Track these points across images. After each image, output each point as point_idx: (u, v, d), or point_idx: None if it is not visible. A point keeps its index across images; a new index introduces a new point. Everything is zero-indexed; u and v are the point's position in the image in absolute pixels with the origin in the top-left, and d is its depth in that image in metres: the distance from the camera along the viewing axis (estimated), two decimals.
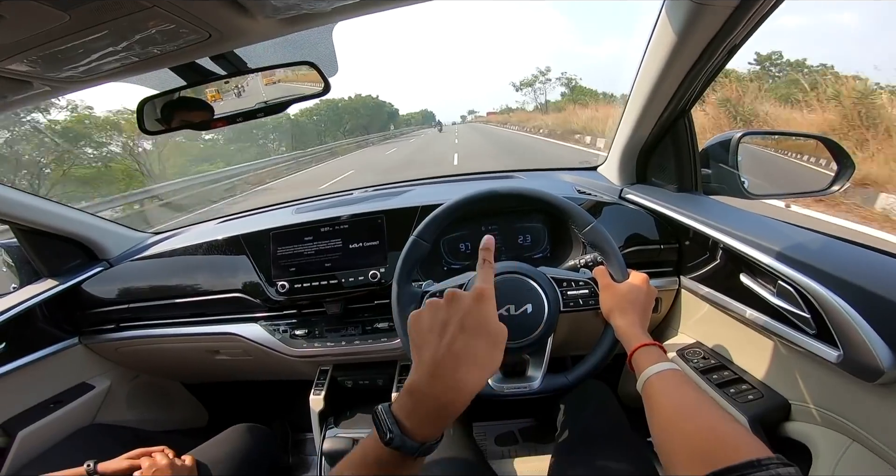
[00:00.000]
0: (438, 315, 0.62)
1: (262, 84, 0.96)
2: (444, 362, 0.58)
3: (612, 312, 0.94)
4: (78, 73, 0.74)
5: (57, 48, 0.62)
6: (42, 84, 0.76)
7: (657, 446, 0.67)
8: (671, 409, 0.68)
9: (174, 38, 0.65)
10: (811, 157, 1.34)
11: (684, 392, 0.70)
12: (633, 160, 1.46)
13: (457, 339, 0.59)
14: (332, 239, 1.40)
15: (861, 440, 0.81)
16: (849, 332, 0.76)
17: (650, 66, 1.11)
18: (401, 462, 0.56)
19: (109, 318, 1.58)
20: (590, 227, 1.03)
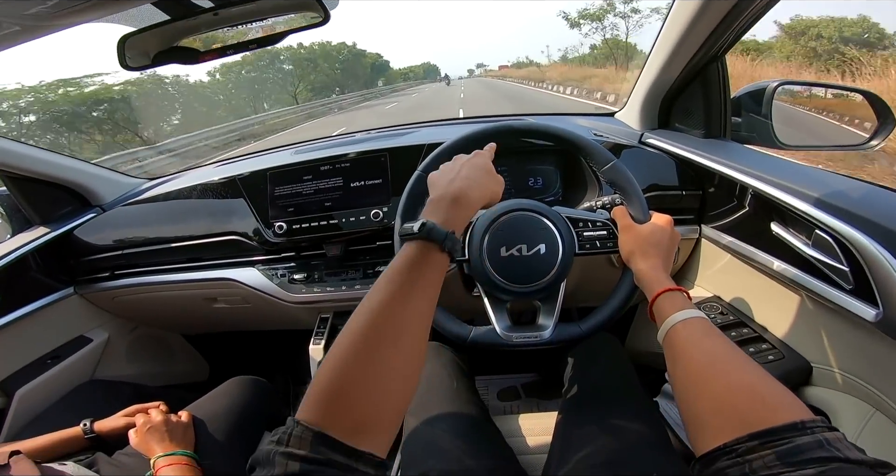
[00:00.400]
0: (448, 165, 0.82)
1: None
2: (455, 180, 0.76)
3: (633, 255, 0.87)
4: (47, 9, 0.65)
5: None
6: (11, 23, 0.68)
7: (681, 403, 0.61)
8: (700, 362, 0.62)
9: None
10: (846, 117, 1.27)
11: (715, 343, 0.64)
12: (655, 104, 1.38)
13: (463, 169, 0.79)
14: (333, 178, 1.34)
15: (885, 410, 0.77)
16: (892, 289, 0.70)
17: (684, 5, 1.02)
18: (428, 256, 0.64)
19: (104, 265, 1.54)
20: (610, 164, 0.95)
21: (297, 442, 0.46)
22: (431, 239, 0.64)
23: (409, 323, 0.57)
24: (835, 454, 0.42)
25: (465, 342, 0.95)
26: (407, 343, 0.56)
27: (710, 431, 0.53)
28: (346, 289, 1.33)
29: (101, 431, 1.14)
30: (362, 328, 0.55)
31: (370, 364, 0.52)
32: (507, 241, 0.93)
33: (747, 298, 1.12)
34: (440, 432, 0.96)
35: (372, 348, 0.53)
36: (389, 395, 0.53)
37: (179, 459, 1.03)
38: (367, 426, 0.50)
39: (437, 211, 0.70)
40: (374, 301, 0.57)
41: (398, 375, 0.54)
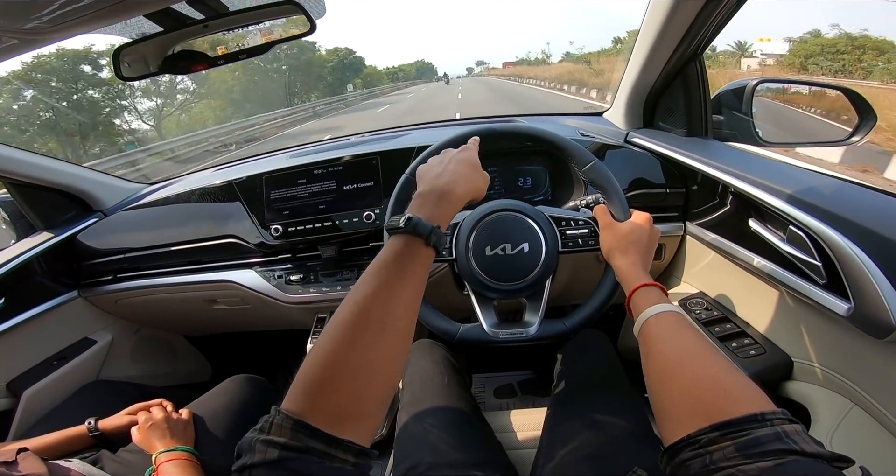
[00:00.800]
0: (435, 159, 0.85)
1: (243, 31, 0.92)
2: (442, 174, 0.78)
3: (613, 252, 0.89)
4: (44, 23, 0.68)
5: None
6: (9, 37, 0.71)
7: (652, 395, 0.63)
8: (669, 355, 0.63)
9: None
10: (828, 112, 1.28)
11: (684, 336, 0.65)
12: (640, 104, 1.41)
13: (450, 164, 0.81)
14: (326, 181, 1.38)
15: (863, 404, 0.78)
16: (862, 283, 0.72)
17: (658, 7, 1.05)
18: (414, 250, 0.65)
19: (107, 269, 1.58)
20: (590, 164, 0.98)
21: (277, 430, 0.48)
22: (417, 233, 0.65)
23: (393, 314, 0.58)
24: (791, 447, 0.44)
25: (454, 339, 0.98)
26: (391, 334, 0.57)
27: (676, 423, 0.54)
28: (342, 289, 1.36)
29: (105, 429, 1.17)
30: (347, 319, 0.56)
31: (354, 354, 0.53)
32: (492, 240, 0.97)
33: (731, 294, 1.14)
34: (430, 427, 0.99)
35: (356, 339, 0.54)
36: (372, 385, 0.54)
37: (180, 455, 1.06)
38: (348, 414, 0.51)
39: (423, 205, 0.72)
40: (359, 293, 0.58)
41: (382, 365, 0.56)
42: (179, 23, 0.83)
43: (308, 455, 0.47)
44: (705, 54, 1.21)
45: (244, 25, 0.91)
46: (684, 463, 0.49)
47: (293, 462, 0.46)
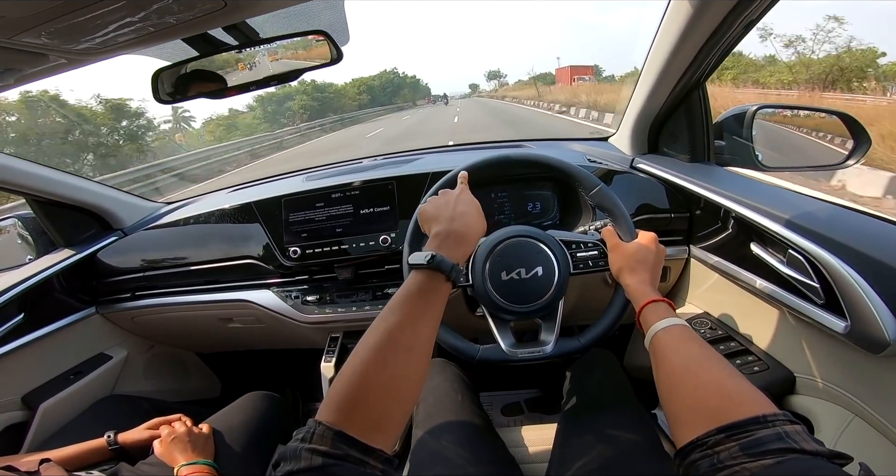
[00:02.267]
0: (440, 200, 0.89)
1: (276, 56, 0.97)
2: (454, 215, 0.83)
3: (622, 271, 0.94)
4: (94, 45, 0.74)
5: (74, 20, 0.62)
6: (58, 56, 0.76)
7: (663, 403, 0.67)
8: (677, 365, 0.68)
9: (190, 7, 0.65)
10: (826, 135, 1.33)
11: (690, 347, 0.70)
12: (645, 130, 1.46)
13: (458, 205, 0.86)
14: (344, 205, 1.41)
15: (863, 415, 0.82)
16: (857, 303, 0.76)
17: (666, 37, 1.10)
18: (436, 285, 0.72)
19: (125, 287, 1.61)
20: (597, 188, 1.02)
21: (318, 439, 0.52)
22: (440, 270, 0.72)
23: (417, 341, 0.65)
24: (791, 445, 0.48)
25: (475, 360, 1.01)
26: (415, 358, 0.64)
27: (686, 426, 0.58)
28: (357, 310, 1.39)
29: (124, 443, 1.19)
30: (377, 344, 0.62)
31: (383, 374, 0.60)
32: (507, 265, 1.01)
33: (734, 314, 1.17)
34: (446, 442, 1.02)
35: (386, 361, 0.61)
36: (399, 401, 0.60)
37: (201, 468, 1.09)
38: (379, 427, 0.57)
39: (442, 246, 0.78)
40: (388, 321, 0.65)
41: (408, 384, 0.62)
42: (215, 48, 0.89)
43: (347, 462, 0.52)
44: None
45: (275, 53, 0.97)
46: (694, 463, 0.54)
47: (334, 468, 0.51)
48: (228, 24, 0.81)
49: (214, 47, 0.89)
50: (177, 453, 1.12)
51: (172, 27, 0.72)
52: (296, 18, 0.93)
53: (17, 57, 0.71)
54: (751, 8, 0.91)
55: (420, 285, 0.71)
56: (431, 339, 0.69)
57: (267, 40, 0.90)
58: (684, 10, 0.98)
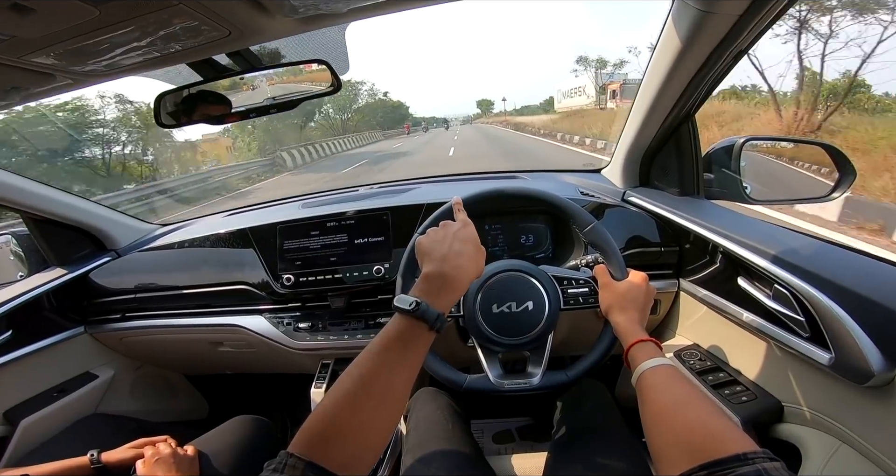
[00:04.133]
0: (439, 233, 0.84)
1: (275, 81, 0.99)
2: (448, 255, 0.79)
3: (612, 310, 0.96)
4: (100, 68, 0.76)
5: (83, 42, 0.64)
6: (64, 77, 0.78)
7: (648, 440, 0.68)
8: (663, 403, 0.70)
9: (196, 34, 0.67)
10: (813, 165, 1.35)
11: (676, 386, 0.72)
12: (636, 163, 1.48)
13: (455, 243, 0.81)
14: (339, 234, 1.42)
15: (850, 442, 0.83)
16: (841, 336, 0.78)
17: (656, 70, 1.13)
18: (418, 334, 0.70)
19: (115, 307, 1.60)
20: (590, 226, 1.05)
21: (290, 470, 0.54)
22: (424, 319, 0.71)
23: (393, 387, 0.66)
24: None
25: (461, 389, 1.03)
26: (390, 404, 0.65)
27: (670, 463, 0.60)
28: (349, 338, 1.39)
29: (107, 462, 1.17)
30: (351, 389, 0.63)
31: (355, 419, 0.61)
32: (499, 298, 1.03)
33: (723, 345, 1.18)
34: (435, 470, 1.02)
35: (359, 406, 0.62)
36: (370, 442, 0.62)
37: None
38: (351, 463, 0.58)
39: (429, 291, 0.75)
40: (364, 367, 0.66)
41: (381, 426, 0.64)
42: (218, 73, 0.91)
43: None
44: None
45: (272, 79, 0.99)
46: None
47: None
48: (232, 51, 0.84)
49: (218, 72, 0.91)
50: (160, 474, 1.10)
51: (178, 52, 0.74)
52: (298, 46, 0.96)
53: (25, 76, 0.73)
54: (739, 39, 0.94)
55: (401, 333, 0.70)
56: (408, 386, 0.69)
57: (269, 67, 0.93)
58: (674, 44, 1.01)
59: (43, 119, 15.52)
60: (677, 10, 0.96)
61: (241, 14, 0.64)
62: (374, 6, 0.70)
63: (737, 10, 0.86)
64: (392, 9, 0.73)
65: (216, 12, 0.62)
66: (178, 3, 0.57)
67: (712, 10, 0.87)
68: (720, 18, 0.89)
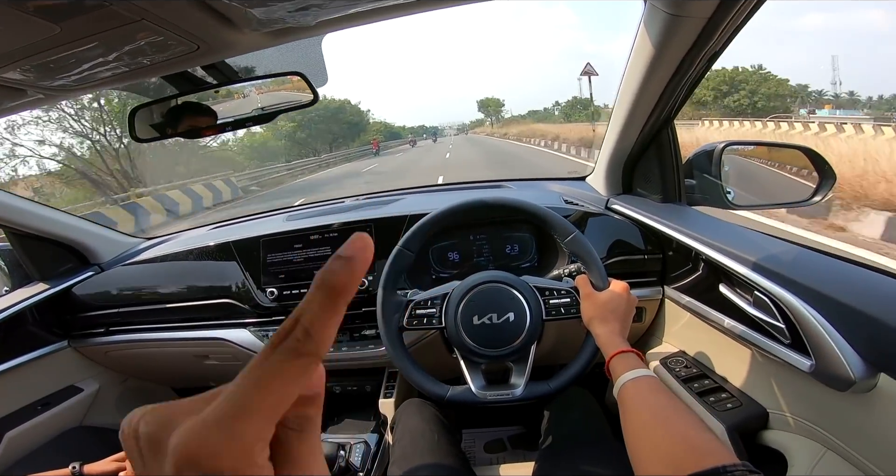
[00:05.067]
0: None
1: (252, 93, 0.99)
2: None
3: (593, 320, 0.96)
4: (70, 82, 0.76)
5: (49, 58, 0.64)
6: (35, 92, 0.78)
7: (630, 452, 0.68)
8: (644, 416, 0.70)
9: (163, 49, 0.67)
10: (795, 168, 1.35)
11: (657, 398, 0.72)
12: (618, 171, 1.48)
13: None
14: (322, 247, 1.42)
15: (835, 448, 0.82)
16: (820, 342, 0.77)
17: (632, 76, 1.13)
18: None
19: (99, 322, 1.59)
20: (571, 236, 1.05)
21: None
22: None
23: None
24: None
25: (444, 400, 1.03)
26: None
27: (649, 474, 0.61)
28: (334, 350, 1.39)
29: (90, 474, 1.16)
30: None
31: None
32: (479, 310, 1.03)
33: (708, 353, 1.18)
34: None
35: None
36: None
37: None
38: None
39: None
40: None
41: None
42: (194, 86, 0.91)
43: None
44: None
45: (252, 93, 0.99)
46: None
47: None
48: (206, 65, 0.84)
49: (194, 85, 0.91)
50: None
51: (147, 67, 0.74)
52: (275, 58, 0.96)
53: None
54: (711, 41, 0.94)
55: None
56: None
57: (245, 79, 0.93)
58: (647, 49, 1.01)
59: None
60: (648, 14, 0.96)
61: (208, 29, 0.64)
62: (343, 18, 0.70)
63: (705, 13, 0.85)
64: (361, 21, 0.73)
65: (182, 27, 0.62)
66: (139, 18, 0.56)
67: (681, 13, 0.87)
68: (690, 21, 0.89)
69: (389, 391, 1.47)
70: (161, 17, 0.58)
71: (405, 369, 1.08)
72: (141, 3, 0.54)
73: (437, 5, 0.73)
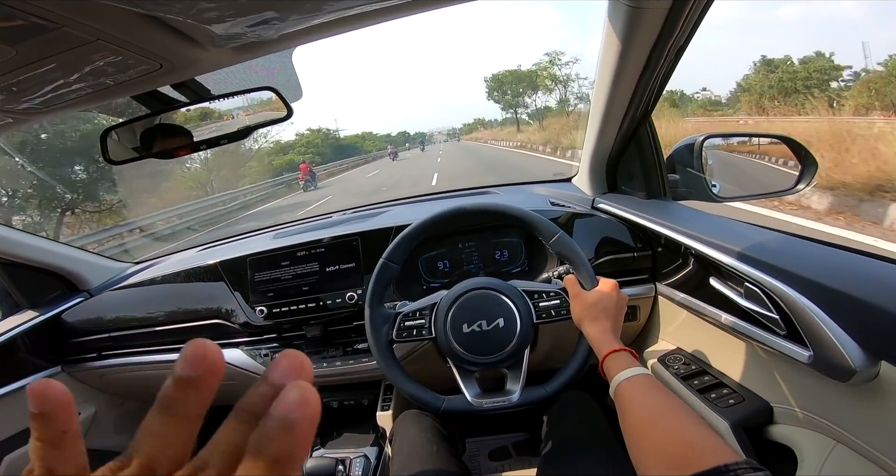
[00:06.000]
0: None
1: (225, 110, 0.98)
2: None
3: (583, 321, 0.96)
4: (36, 105, 0.74)
5: (9, 81, 0.63)
6: (3, 116, 0.76)
7: (630, 451, 0.67)
8: (641, 415, 0.69)
9: (124, 69, 0.66)
10: (778, 159, 1.35)
11: (653, 397, 0.71)
12: (602, 170, 1.48)
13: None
14: (309, 263, 1.41)
15: (844, 441, 0.81)
16: (817, 332, 0.76)
17: (604, 74, 1.12)
18: None
19: (91, 346, 1.58)
20: (555, 237, 1.05)
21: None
22: None
23: None
24: None
25: (439, 411, 1.02)
26: None
27: (650, 474, 0.60)
28: (328, 365, 1.38)
29: None
30: None
31: None
32: (468, 318, 1.03)
33: (706, 348, 1.17)
34: None
35: None
36: None
37: None
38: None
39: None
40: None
41: None
42: (165, 105, 0.90)
43: None
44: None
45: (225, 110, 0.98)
46: None
47: None
48: (175, 83, 0.82)
49: (165, 104, 0.90)
50: None
51: (112, 87, 0.72)
52: (248, 73, 0.95)
53: None
54: (675, 34, 0.93)
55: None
56: None
57: (218, 96, 0.92)
58: (614, 44, 1.00)
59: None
60: (612, 9, 0.95)
61: (168, 46, 0.63)
62: (306, 30, 0.69)
63: (665, 4, 0.85)
64: (327, 32, 0.72)
65: (140, 46, 0.60)
66: (94, 39, 0.55)
67: (641, 4, 0.86)
68: (651, 13, 0.88)
69: (387, 404, 1.46)
70: (117, 37, 0.56)
71: (398, 382, 1.07)
72: (94, 24, 0.53)
73: (400, 14, 0.71)
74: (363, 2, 0.61)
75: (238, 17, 0.56)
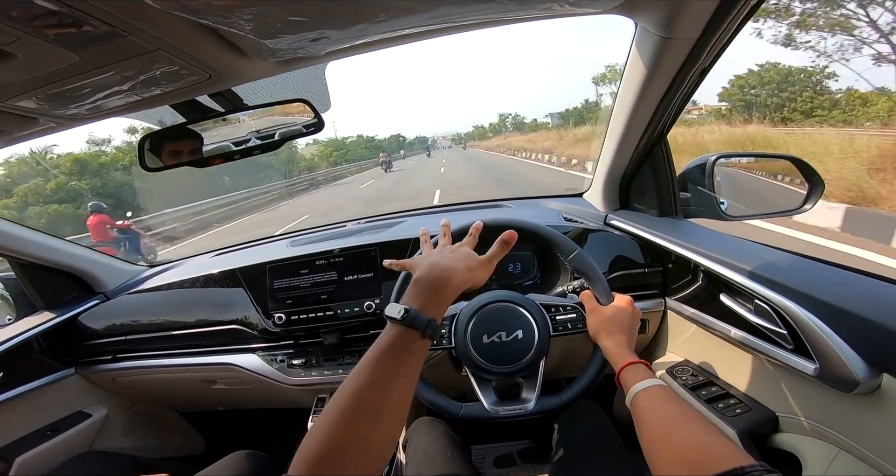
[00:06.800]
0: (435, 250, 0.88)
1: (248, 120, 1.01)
2: (438, 260, 0.79)
3: (599, 334, 0.98)
4: (83, 111, 0.78)
5: (64, 87, 0.66)
6: (48, 120, 0.80)
7: (648, 460, 0.69)
8: (658, 424, 0.72)
9: (176, 78, 0.69)
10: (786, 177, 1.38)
11: (670, 407, 0.74)
12: (615, 187, 1.51)
13: (446, 255, 0.82)
14: (328, 271, 1.43)
15: (847, 448, 0.84)
16: (822, 346, 0.80)
17: (626, 96, 1.17)
18: (410, 342, 0.68)
19: (106, 349, 1.60)
20: (574, 254, 1.08)
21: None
22: (414, 327, 0.68)
23: (389, 402, 0.63)
24: None
25: (457, 417, 1.05)
26: (387, 420, 0.62)
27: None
28: (343, 372, 1.39)
29: None
30: (345, 406, 0.60)
31: (350, 436, 0.58)
32: (488, 329, 1.06)
33: (713, 360, 1.20)
34: None
35: (355, 424, 0.59)
36: (371, 457, 0.60)
37: None
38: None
39: (419, 295, 0.73)
40: (356, 382, 0.63)
41: (377, 447, 0.61)
42: (202, 114, 0.93)
43: None
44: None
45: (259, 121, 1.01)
46: None
47: None
48: (213, 93, 0.86)
49: (201, 113, 0.93)
50: None
51: (159, 95, 0.76)
52: (280, 86, 0.98)
53: (9, 120, 0.75)
54: (700, 59, 0.97)
55: (392, 343, 0.67)
56: (406, 397, 0.66)
57: (252, 107, 0.95)
58: (639, 70, 1.05)
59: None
60: (640, 37, 1.00)
61: (220, 58, 0.67)
62: (351, 48, 0.72)
63: (693, 34, 0.89)
64: (367, 49, 0.76)
65: (195, 57, 0.64)
66: (156, 49, 0.59)
67: (671, 36, 0.90)
68: (679, 43, 0.92)
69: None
70: (177, 48, 0.60)
71: (418, 389, 1.09)
72: (158, 33, 0.56)
73: (440, 33, 0.75)
74: (409, 25, 0.64)
75: (295, 33, 0.59)
